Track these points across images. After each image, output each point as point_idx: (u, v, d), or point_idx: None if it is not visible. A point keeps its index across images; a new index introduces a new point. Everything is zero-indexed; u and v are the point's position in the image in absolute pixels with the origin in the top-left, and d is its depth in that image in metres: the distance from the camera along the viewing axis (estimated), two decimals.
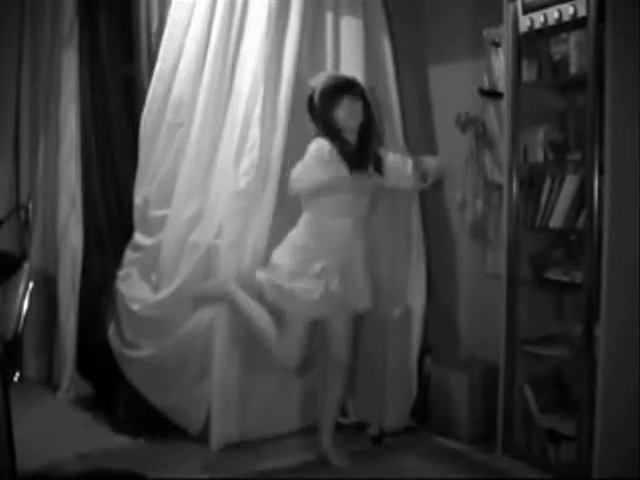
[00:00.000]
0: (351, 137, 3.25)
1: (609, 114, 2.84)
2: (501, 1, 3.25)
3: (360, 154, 3.25)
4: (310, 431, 3.56)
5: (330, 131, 3.21)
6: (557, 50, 3.15)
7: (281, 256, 3.26)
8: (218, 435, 3.47)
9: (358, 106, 3.22)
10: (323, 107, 3.22)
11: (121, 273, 3.94)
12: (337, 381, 3.35)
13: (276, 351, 3.32)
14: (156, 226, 3.80)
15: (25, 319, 3.03)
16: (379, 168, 3.32)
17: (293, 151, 3.51)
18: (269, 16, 3.59)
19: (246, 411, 3.54)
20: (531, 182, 3.28)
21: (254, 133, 3.54)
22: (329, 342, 3.36)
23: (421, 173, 3.35)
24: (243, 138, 3.57)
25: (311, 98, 3.27)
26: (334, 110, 3.19)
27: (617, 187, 2.87)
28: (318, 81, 3.29)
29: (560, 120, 3.24)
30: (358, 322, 3.58)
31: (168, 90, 3.77)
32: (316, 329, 3.43)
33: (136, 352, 3.75)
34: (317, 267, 3.16)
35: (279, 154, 3.55)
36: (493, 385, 3.38)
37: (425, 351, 3.89)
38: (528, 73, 3.26)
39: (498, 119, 3.61)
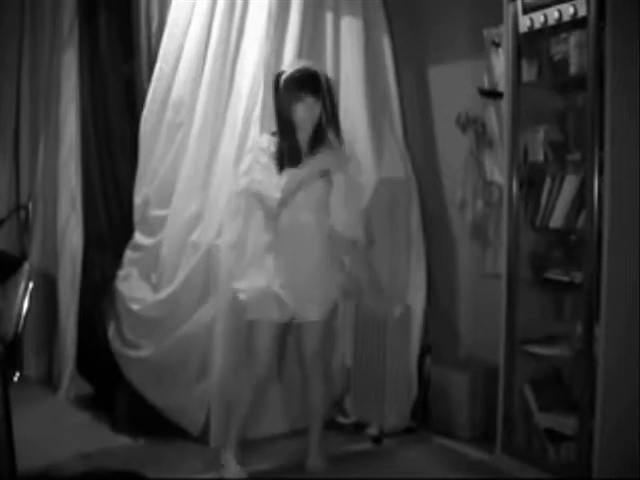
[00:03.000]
0: (306, 133, 3.14)
1: (609, 114, 2.84)
2: (501, 1, 3.25)
3: (311, 151, 3.14)
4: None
5: (286, 125, 3.11)
6: (557, 50, 3.15)
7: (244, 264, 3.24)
8: (218, 435, 3.47)
9: (317, 108, 3.08)
10: (283, 99, 3.10)
11: (121, 273, 3.94)
12: (314, 389, 3.28)
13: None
14: (156, 226, 3.80)
15: (25, 319, 3.03)
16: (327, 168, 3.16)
17: None
18: (269, 16, 3.59)
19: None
20: (531, 182, 3.28)
21: (254, 133, 3.54)
22: (299, 353, 3.30)
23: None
24: (243, 138, 3.57)
25: (277, 83, 3.14)
26: (293, 105, 3.07)
27: (617, 187, 2.87)
28: (287, 67, 3.19)
29: (560, 120, 3.24)
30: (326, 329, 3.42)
31: (168, 90, 3.77)
32: (283, 339, 3.38)
33: (136, 352, 3.75)
34: (259, 266, 3.11)
35: None
36: (493, 385, 3.38)
37: (425, 351, 3.90)
38: (528, 73, 3.25)
39: (498, 119, 3.61)
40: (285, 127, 3.12)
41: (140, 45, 3.98)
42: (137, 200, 3.89)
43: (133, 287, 3.86)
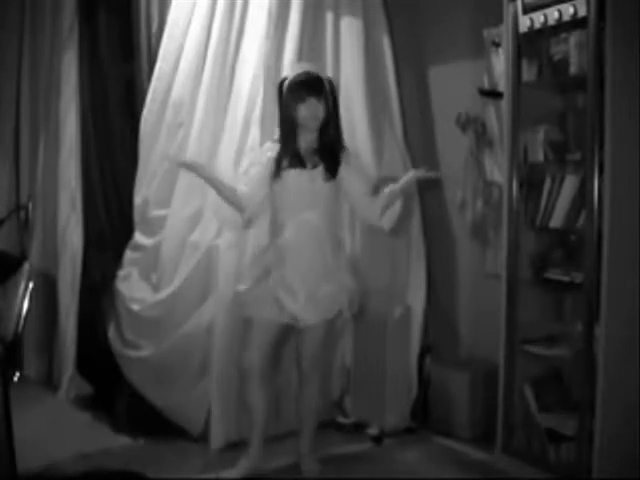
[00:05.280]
0: (311, 135, 3.12)
1: (609, 114, 2.84)
2: (501, 1, 3.25)
3: (319, 153, 3.11)
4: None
5: (287, 127, 3.10)
6: (557, 50, 3.15)
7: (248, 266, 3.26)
8: (218, 435, 3.47)
9: (320, 108, 3.07)
10: (286, 103, 3.10)
11: (121, 273, 3.94)
12: (309, 393, 3.25)
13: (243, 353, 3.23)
14: (156, 226, 3.80)
15: (25, 319, 3.03)
16: (333, 170, 3.12)
17: None
18: (269, 16, 3.59)
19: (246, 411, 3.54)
20: (531, 182, 3.28)
21: (254, 133, 3.55)
22: (298, 354, 3.25)
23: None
24: (243, 138, 3.57)
25: (281, 88, 3.14)
26: (296, 108, 3.06)
27: (617, 187, 2.87)
28: (290, 72, 3.20)
29: (560, 120, 3.24)
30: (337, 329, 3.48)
31: (168, 90, 3.77)
32: (283, 339, 3.32)
33: (136, 352, 3.75)
34: (262, 268, 3.11)
35: None
36: (493, 385, 3.38)
37: (425, 351, 3.90)
38: (528, 73, 3.26)
39: (498, 119, 3.61)
40: (288, 130, 3.11)
41: (140, 45, 3.98)
42: (137, 200, 3.89)
43: (133, 287, 3.86)
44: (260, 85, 3.56)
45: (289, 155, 3.09)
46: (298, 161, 3.09)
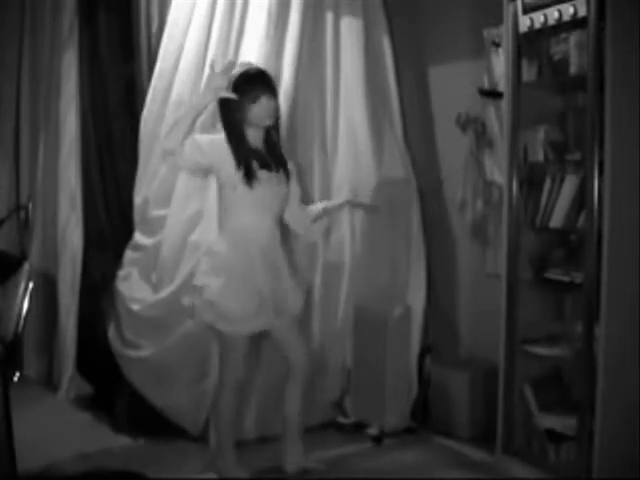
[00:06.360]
0: (258, 135, 3.02)
1: (609, 114, 2.84)
2: (501, 1, 3.25)
3: (268, 153, 3.04)
4: (309, 431, 3.55)
5: (238, 128, 2.95)
6: (557, 50, 3.15)
7: (205, 272, 3.05)
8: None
9: (274, 104, 2.96)
10: (236, 102, 2.90)
11: (121, 273, 3.94)
12: (296, 391, 3.20)
13: (222, 368, 3.15)
14: (156, 226, 3.80)
15: (25, 319, 3.03)
16: (286, 171, 3.10)
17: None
18: (269, 16, 3.59)
19: (245, 410, 3.54)
20: (531, 182, 3.28)
21: None
22: (286, 353, 3.19)
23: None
24: None
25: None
26: (249, 108, 2.92)
27: (617, 187, 2.87)
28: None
29: (560, 120, 3.24)
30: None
31: (168, 90, 3.77)
32: (258, 340, 3.31)
33: (136, 352, 3.75)
34: (244, 276, 2.97)
35: None
36: (493, 385, 3.38)
37: (425, 351, 3.90)
38: (528, 73, 3.25)
39: (498, 119, 3.61)
40: (238, 132, 2.96)
41: (140, 45, 3.98)
42: (137, 200, 3.89)
43: (133, 287, 3.86)
44: None
45: (253, 156, 2.97)
46: (265, 162, 3.00)
